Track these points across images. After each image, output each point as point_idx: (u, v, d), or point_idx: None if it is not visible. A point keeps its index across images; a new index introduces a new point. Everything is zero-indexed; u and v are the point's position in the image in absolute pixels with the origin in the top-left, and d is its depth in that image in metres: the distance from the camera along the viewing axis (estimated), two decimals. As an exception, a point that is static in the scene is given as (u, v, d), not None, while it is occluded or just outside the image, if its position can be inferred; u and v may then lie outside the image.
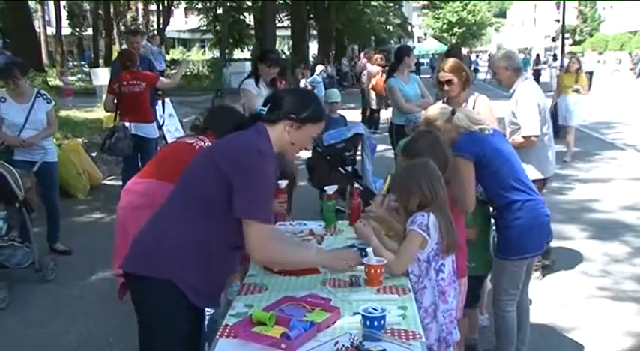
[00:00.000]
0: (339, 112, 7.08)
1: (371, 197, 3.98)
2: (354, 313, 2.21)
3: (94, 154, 8.45)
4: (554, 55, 32.26)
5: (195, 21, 38.71)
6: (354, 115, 14.57)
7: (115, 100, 6.63)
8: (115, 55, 25.74)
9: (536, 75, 29.04)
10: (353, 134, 5.67)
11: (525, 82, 4.30)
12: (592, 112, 16.60)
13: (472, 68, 32.61)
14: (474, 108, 4.05)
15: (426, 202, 2.58)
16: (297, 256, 2.51)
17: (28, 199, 4.84)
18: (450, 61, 4.12)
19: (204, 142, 3.14)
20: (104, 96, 10.80)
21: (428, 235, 2.54)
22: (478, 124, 3.15)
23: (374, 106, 13.54)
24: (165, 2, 33.51)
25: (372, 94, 13.26)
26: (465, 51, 48.29)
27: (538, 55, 33.47)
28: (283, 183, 3.48)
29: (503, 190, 3.13)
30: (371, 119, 13.74)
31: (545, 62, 30.50)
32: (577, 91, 9.97)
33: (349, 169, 5.79)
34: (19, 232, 4.85)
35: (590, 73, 26.80)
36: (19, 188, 4.72)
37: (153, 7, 36.92)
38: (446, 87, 4.04)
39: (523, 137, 4.21)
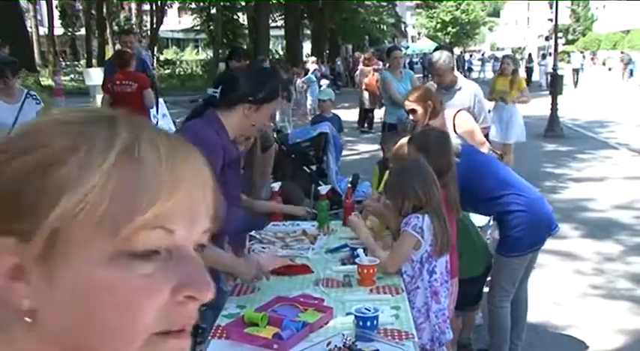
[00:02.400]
0: (334, 111, 7.08)
1: (337, 197, 4.00)
2: (347, 314, 2.21)
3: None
4: (543, 55, 32.72)
5: (189, 21, 38.59)
6: (348, 115, 14.55)
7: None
8: (107, 55, 25.63)
9: (529, 73, 29.41)
10: (318, 133, 5.69)
11: (463, 77, 4.75)
12: (584, 111, 16.72)
13: (466, 67, 32.81)
14: (454, 124, 4.03)
15: (420, 205, 2.57)
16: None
17: None
18: (417, 91, 4.06)
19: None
20: (98, 96, 10.74)
21: (422, 236, 2.53)
22: None
23: (367, 106, 13.53)
24: (159, 2, 33.42)
25: (365, 93, 13.26)
26: (458, 50, 48.40)
27: (530, 54, 33.86)
28: (277, 185, 3.49)
29: (495, 201, 3.13)
30: (364, 119, 13.72)
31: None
32: (503, 100, 7.80)
33: (313, 167, 5.80)
34: None
35: (577, 71, 27.44)
36: None
37: (146, 6, 36.80)
38: (411, 116, 4.03)
39: (483, 128, 4.33)
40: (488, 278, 3.48)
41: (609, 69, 37.79)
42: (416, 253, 2.58)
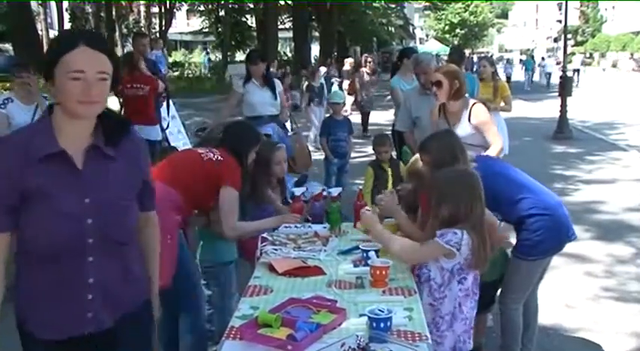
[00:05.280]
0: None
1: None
2: (360, 315, 2.22)
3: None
4: (543, 57, 33.21)
5: (198, 23, 38.80)
6: (355, 117, 14.55)
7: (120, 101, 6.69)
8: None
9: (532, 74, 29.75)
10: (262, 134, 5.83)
11: None
12: (592, 113, 16.64)
13: (474, 69, 32.79)
14: (469, 117, 4.05)
15: (458, 216, 2.53)
16: None
17: None
18: (448, 67, 4.16)
19: (214, 155, 3.17)
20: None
21: (458, 250, 2.51)
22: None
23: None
24: (168, 4, 33.57)
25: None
26: (466, 52, 48.25)
27: (532, 56, 34.43)
28: (298, 191, 3.52)
29: (516, 205, 3.13)
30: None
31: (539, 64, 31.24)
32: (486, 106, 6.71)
33: None
34: None
35: (577, 71, 27.74)
36: None
37: (155, 9, 36.97)
38: (434, 88, 4.04)
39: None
40: None
41: (603, 69, 37.98)
42: (448, 262, 2.57)
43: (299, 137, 6.25)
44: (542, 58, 31.95)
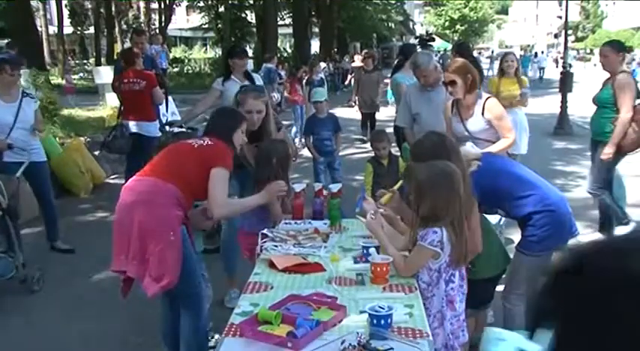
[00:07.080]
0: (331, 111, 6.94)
1: None
2: (361, 312, 2.21)
3: (96, 153, 8.44)
4: (536, 53, 33.51)
5: (197, 19, 38.66)
6: (356, 114, 14.53)
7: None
8: (116, 53, 25.74)
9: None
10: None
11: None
12: (591, 109, 16.58)
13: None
14: (482, 111, 4.02)
15: (437, 212, 2.52)
16: None
17: (11, 206, 4.56)
18: (456, 62, 4.09)
19: (204, 141, 3.15)
20: (107, 95, 10.76)
21: (441, 249, 2.51)
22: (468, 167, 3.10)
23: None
24: (167, 0, 33.50)
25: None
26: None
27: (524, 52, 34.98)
28: (298, 187, 3.50)
29: (522, 200, 3.11)
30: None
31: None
32: (511, 104, 6.16)
33: None
34: (5, 242, 4.56)
35: (570, 66, 28.00)
36: (2, 195, 4.48)
37: (154, 5, 36.88)
38: (449, 88, 4.02)
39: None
40: (503, 276, 3.47)
41: (594, 65, 38.25)
42: (434, 262, 2.56)
43: (282, 130, 6.14)
44: (536, 54, 32.21)
